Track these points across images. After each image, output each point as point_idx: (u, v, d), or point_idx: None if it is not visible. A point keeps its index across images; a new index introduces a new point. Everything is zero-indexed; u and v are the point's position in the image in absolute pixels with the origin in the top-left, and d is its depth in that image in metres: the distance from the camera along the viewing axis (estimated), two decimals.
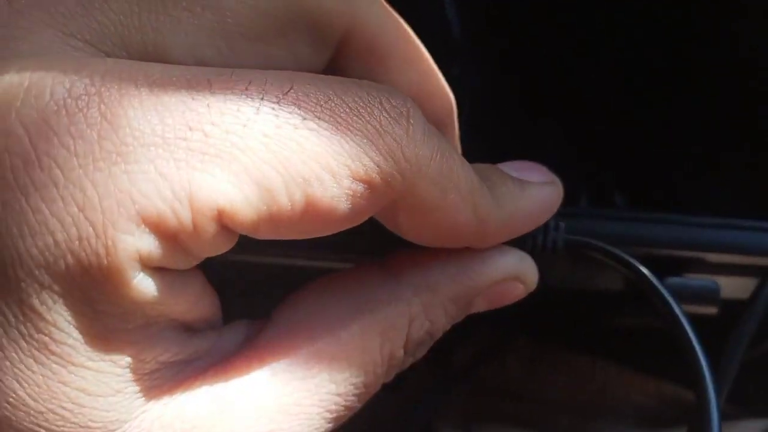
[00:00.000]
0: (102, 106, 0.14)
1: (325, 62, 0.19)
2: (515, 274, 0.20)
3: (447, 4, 0.30)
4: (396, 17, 0.19)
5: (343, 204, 0.15)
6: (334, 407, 0.18)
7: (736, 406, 0.33)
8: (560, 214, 0.21)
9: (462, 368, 0.35)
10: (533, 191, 0.20)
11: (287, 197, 0.15)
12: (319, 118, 0.15)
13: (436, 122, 0.20)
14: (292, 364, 0.17)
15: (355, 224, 0.16)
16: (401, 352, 0.19)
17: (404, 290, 0.19)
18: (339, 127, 0.15)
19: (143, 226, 0.14)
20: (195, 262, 0.16)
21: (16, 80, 0.14)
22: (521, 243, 0.21)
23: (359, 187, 0.15)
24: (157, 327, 0.16)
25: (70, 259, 0.14)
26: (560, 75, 0.31)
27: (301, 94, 0.15)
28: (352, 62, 0.19)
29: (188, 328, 0.17)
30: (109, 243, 0.14)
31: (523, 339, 0.36)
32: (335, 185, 0.15)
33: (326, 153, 0.15)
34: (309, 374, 0.17)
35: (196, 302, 0.17)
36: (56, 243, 0.14)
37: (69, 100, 0.14)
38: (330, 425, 0.18)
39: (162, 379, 0.16)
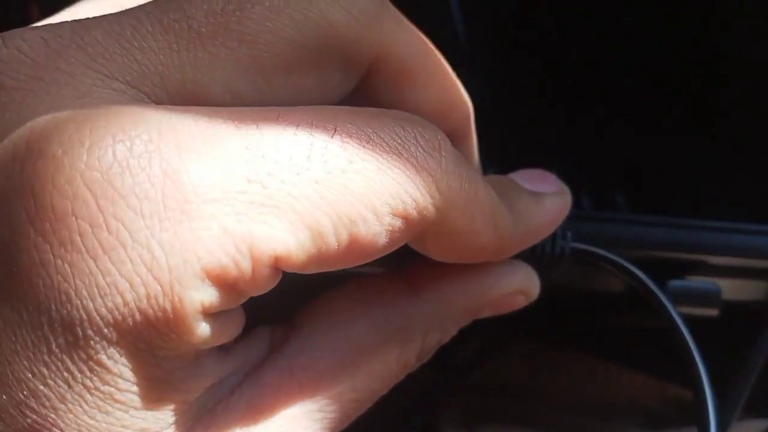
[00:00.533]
0: (163, 163, 0.14)
1: (353, 85, 0.19)
2: (521, 288, 0.22)
3: (453, 9, 0.30)
4: (421, 37, 0.20)
5: (382, 239, 0.16)
6: (352, 412, 0.19)
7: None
8: (566, 218, 0.22)
9: (463, 367, 0.35)
10: (547, 204, 0.21)
11: (335, 238, 0.16)
12: (363, 160, 0.16)
13: (457, 131, 0.21)
14: (318, 375, 0.18)
15: (388, 252, 0.17)
16: (415, 360, 0.20)
17: (423, 305, 0.20)
18: (381, 167, 0.16)
19: (207, 280, 0.15)
20: (244, 300, 0.16)
21: (77, 139, 0.14)
22: (531, 251, 0.21)
23: (398, 222, 0.16)
24: (203, 357, 0.17)
25: (138, 316, 0.15)
26: (563, 78, 0.32)
27: (345, 135, 0.16)
28: (379, 83, 0.19)
29: (223, 348, 0.18)
30: (176, 299, 0.15)
31: (525, 339, 0.35)
32: (377, 223, 0.16)
33: (370, 194, 0.16)
34: (333, 384, 0.18)
35: (237, 329, 0.17)
36: (125, 303, 0.14)
37: (132, 160, 0.14)
38: (345, 424, 0.19)
39: (206, 400, 0.17)
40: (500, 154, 0.26)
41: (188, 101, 0.17)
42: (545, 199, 0.21)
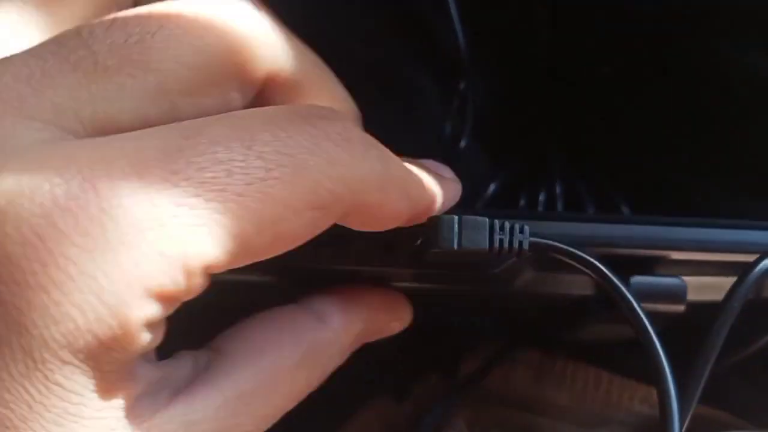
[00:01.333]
0: (99, 200, 0.16)
1: (250, 99, 0.21)
2: (400, 316, 0.25)
3: (455, 23, 0.31)
4: (309, 52, 0.22)
5: (303, 230, 0.18)
6: (264, 426, 0.21)
7: (739, 418, 0.33)
8: (525, 218, 0.22)
9: (469, 378, 0.35)
10: (449, 181, 0.23)
11: (259, 238, 0.17)
12: (280, 165, 0.17)
13: None
14: (241, 394, 0.20)
15: (313, 236, 0.19)
16: (317, 381, 0.22)
17: (327, 332, 0.22)
18: (296, 168, 0.17)
19: (149, 298, 0.16)
20: (178, 306, 0.18)
21: (16, 188, 0.16)
22: (488, 245, 0.21)
23: (317, 214, 0.18)
24: (134, 363, 0.18)
25: (89, 336, 0.16)
26: (560, 88, 0.32)
27: (260, 144, 0.17)
28: (274, 95, 0.21)
29: (147, 360, 0.19)
30: (122, 319, 0.16)
31: (530, 349, 0.36)
32: (298, 218, 0.17)
33: (289, 195, 0.17)
34: (252, 401, 0.20)
35: (163, 333, 0.18)
36: (77, 327, 0.16)
37: (71, 202, 0.16)
38: None
39: (142, 409, 0.18)
40: (497, 160, 0.26)
41: (102, 130, 0.18)
42: (446, 177, 0.23)
